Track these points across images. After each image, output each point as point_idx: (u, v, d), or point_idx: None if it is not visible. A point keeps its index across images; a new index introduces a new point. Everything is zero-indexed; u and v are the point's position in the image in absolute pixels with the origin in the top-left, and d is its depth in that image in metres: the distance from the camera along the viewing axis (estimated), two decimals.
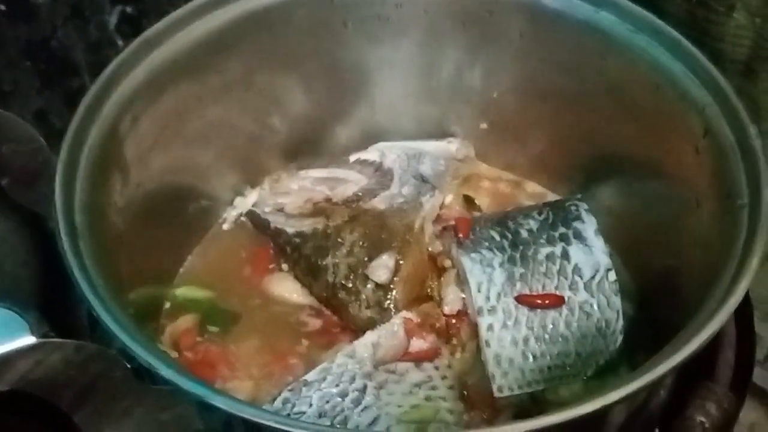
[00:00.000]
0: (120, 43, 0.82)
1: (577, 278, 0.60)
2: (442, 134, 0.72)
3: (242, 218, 0.69)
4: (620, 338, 0.59)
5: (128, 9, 0.82)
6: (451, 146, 0.71)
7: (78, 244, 0.46)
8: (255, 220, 0.68)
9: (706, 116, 0.54)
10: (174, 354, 0.61)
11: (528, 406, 0.58)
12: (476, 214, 0.68)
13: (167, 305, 0.64)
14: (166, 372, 0.41)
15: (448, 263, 0.64)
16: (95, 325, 0.49)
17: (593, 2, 0.60)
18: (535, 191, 0.71)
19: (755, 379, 0.78)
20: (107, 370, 0.40)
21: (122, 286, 0.51)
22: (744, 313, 0.58)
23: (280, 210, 0.67)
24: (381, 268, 0.61)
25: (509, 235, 0.62)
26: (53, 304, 0.41)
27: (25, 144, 0.51)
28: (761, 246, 0.46)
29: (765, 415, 0.89)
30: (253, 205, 0.68)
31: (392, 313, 0.61)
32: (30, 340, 0.37)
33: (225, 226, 0.69)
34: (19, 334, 0.37)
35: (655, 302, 0.62)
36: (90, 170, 0.51)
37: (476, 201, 0.69)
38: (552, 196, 0.70)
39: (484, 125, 0.71)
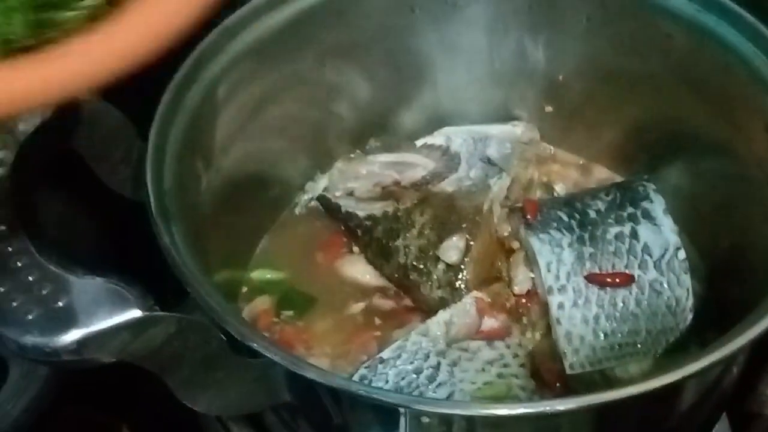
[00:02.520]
0: None
1: (646, 257, 0.61)
2: (506, 118, 0.73)
3: (313, 203, 0.71)
4: (690, 316, 0.60)
5: None
6: (516, 129, 0.72)
7: (171, 227, 0.48)
8: (326, 204, 0.70)
9: None
10: None
11: (599, 383, 0.59)
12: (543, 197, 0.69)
13: (244, 289, 0.66)
14: (260, 345, 0.43)
15: (516, 245, 0.65)
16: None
17: None
18: (602, 173, 0.72)
19: None
20: (204, 342, 0.42)
21: (208, 268, 0.53)
22: None
23: (350, 194, 0.69)
24: (451, 249, 0.62)
25: (577, 216, 0.63)
26: (149, 278, 0.43)
27: (118, 131, 0.53)
28: None
29: None
30: (323, 190, 0.70)
31: (463, 293, 0.62)
32: (136, 314, 0.39)
33: (297, 211, 0.71)
34: (126, 308, 0.39)
35: (725, 280, 0.63)
36: (176, 156, 0.53)
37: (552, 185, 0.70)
38: (619, 179, 0.71)
39: (549, 108, 0.72)
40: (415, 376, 0.57)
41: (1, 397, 0.54)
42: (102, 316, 0.40)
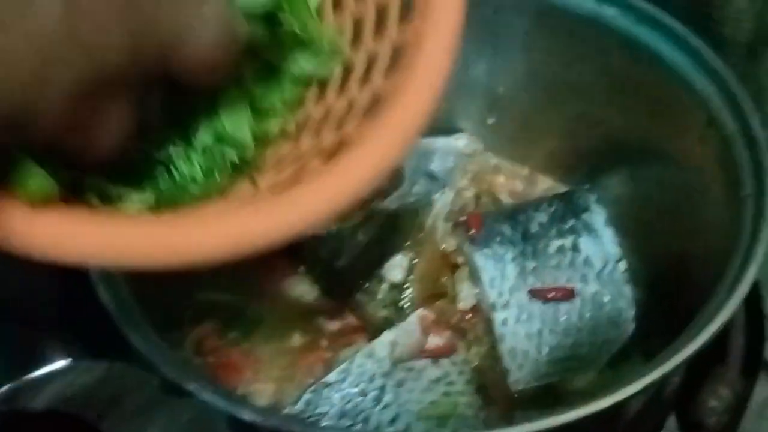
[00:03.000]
0: None
1: (587, 270, 0.61)
2: (449, 130, 0.72)
3: None
4: (632, 326, 0.61)
5: None
6: (459, 142, 0.72)
7: None
8: None
9: (710, 106, 0.55)
10: (197, 359, 0.62)
11: (545, 397, 0.60)
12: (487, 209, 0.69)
13: (188, 312, 0.65)
14: (192, 386, 0.42)
15: (461, 259, 0.65)
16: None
17: None
18: (546, 183, 0.72)
19: None
20: (138, 385, 0.42)
21: (147, 297, 0.52)
22: (753, 297, 0.59)
23: None
24: (395, 268, 0.62)
25: (520, 229, 0.63)
26: (79, 322, 0.43)
27: None
28: (766, 237, 0.47)
29: None
30: None
31: (408, 311, 0.62)
32: (64, 361, 0.39)
33: None
34: (54, 356, 0.39)
35: (668, 287, 0.63)
36: None
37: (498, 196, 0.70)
38: (563, 188, 0.71)
39: (491, 120, 0.72)
40: (360, 398, 0.57)
41: None
42: (32, 365, 0.39)
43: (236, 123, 0.36)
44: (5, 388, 0.39)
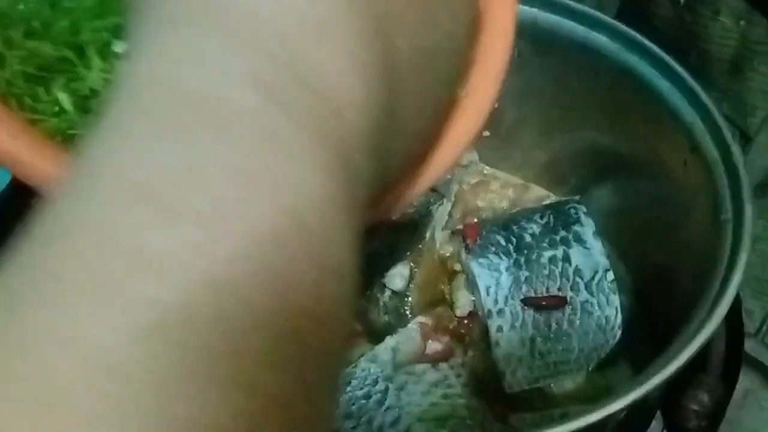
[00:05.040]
0: None
1: (578, 279, 0.65)
2: None
3: None
4: (619, 333, 0.65)
5: None
6: None
7: None
8: None
9: (693, 133, 0.59)
10: None
11: (536, 398, 0.64)
12: (483, 218, 0.73)
13: None
14: None
15: (458, 267, 0.69)
16: None
17: (587, 24, 0.64)
18: (538, 192, 0.76)
19: (748, 350, 0.84)
20: None
21: None
22: (733, 309, 0.63)
23: None
24: (396, 277, 0.66)
25: (514, 240, 0.67)
26: None
27: None
28: (743, 263, 0.51)
29: (758, 382, 0.95)
30: None
31: (408, 317, 0.66)
32: None
33: None
34: None
35: (653, 296, 0.67)
36: None
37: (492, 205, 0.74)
38: (554, 197, 0.75)
39: (486, 133, 0.75)
40: (364, 401, 0.61)
41: None
42: None
43: None
44: None
